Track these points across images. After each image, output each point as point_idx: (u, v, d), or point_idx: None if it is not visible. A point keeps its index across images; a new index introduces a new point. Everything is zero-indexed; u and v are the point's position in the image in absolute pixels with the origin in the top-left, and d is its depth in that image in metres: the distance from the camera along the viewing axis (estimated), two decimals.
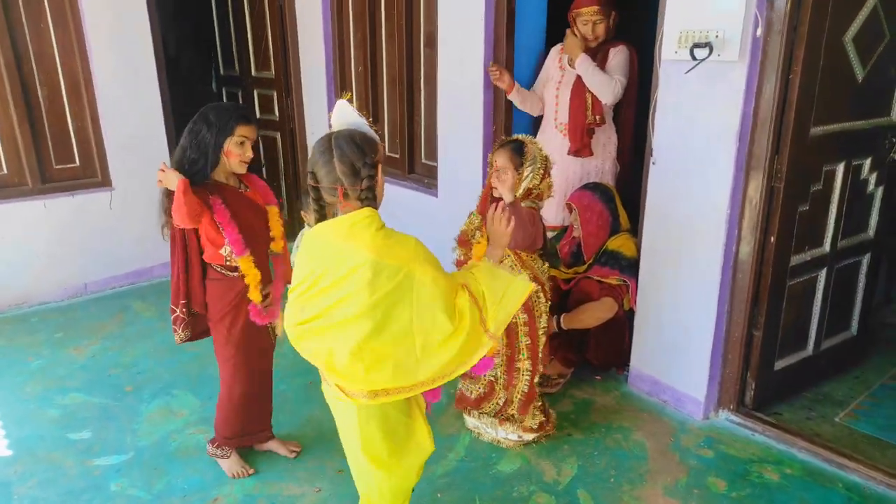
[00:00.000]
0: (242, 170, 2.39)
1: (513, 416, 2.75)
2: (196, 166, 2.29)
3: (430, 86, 4.11)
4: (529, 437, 2.75)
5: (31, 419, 3.00)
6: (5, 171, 4.08)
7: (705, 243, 2.77)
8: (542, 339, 2.66)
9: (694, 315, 2.88)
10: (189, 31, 6.03)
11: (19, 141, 4.07)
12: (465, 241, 2.76)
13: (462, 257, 2.77)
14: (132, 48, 4.30)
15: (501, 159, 2.55)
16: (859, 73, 2.73)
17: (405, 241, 1.64)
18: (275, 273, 2.57)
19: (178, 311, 2.46)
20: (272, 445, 2.73)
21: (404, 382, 1.68)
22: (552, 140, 3.48)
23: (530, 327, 2.64)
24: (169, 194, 2.29)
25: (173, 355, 3.56)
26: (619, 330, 3.17)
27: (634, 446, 2.79)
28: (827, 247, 2.96)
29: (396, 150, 4.54)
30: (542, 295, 2.64)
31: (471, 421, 2.85)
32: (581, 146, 3.37)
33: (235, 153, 2.32)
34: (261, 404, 2.65)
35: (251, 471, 2.63)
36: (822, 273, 2.99)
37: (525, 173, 2.51)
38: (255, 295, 2.41)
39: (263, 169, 5.50)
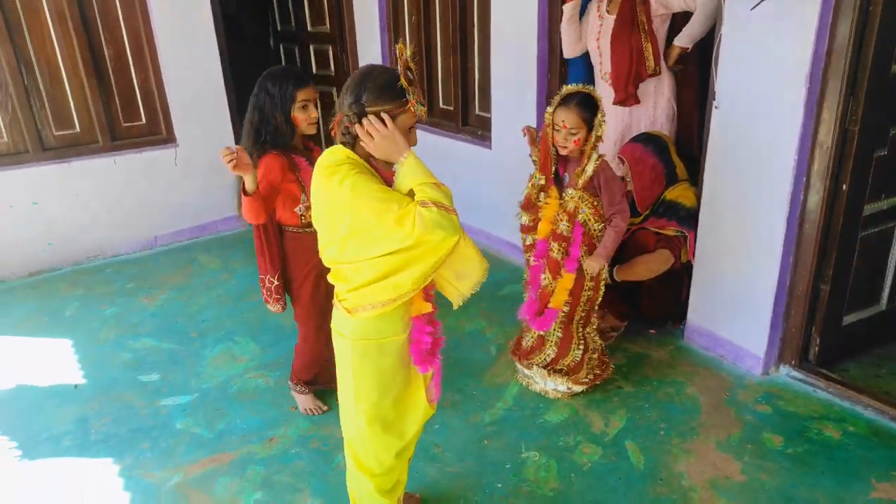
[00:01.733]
0: (312, 130, 2.42)
1: (562, 369, 2.73)
2: (279, 141, 2.34)
3: (483, 34, 4.01)
4: (579, 388, 2.74)
5: (105, 362, 3.21)
6: (78, 129, 4.28)
7: (770, 192, 2.62)
8: (601, 292, 2.63)
9: (755, 268, 2.75)
10: None
11: (89, 100, 4.25)
12: (531, 206, 2.66)
13: (529, 222, 2.68)
14: (190, 6, 4.37)
15: (572, 119, 2.39)
16: None
17: (339, 190, 1.59)
18: None
19: (275, 280, 2.47)
20: None
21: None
22: (601, 90, 3.33)
23: (595, 280, 2.60)
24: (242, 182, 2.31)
25: (235, 304, 3.71)
26: (675, 283, 3.07)
27: (687, 400, 2.73)
28: None
29: (450, 101, 4.48)
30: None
31: (522, 370, 2.85)
32: (626, 96, 3.20)
33: (301, 118, 2.37)
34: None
35: (325, 408, 2.74)
36: None
37: (598, 127, 2.41)
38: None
39: (320, 124, 5.55)
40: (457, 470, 2.41)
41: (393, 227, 1.55)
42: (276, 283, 2.48)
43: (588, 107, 2.40)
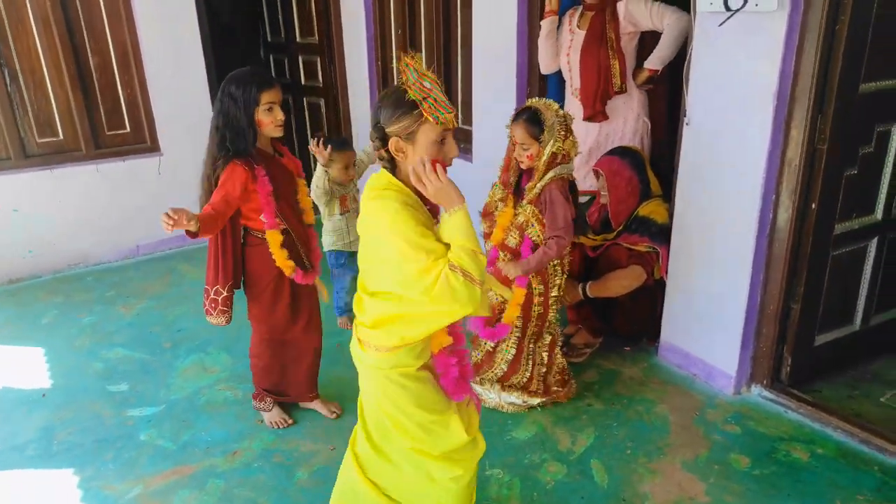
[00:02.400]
0: (279, 133, 2.37)
1: (513, 384, 2.71)
2: (239, 146, 2.29)
3: (466, 48, 4.02)
4: (535, 400, 2.71)
5: (77, 370, 3.19)
6: (61, 136, 4.29)
7: (740, 209, 2.61)
8: (554, 309, 2.61)
9: (727, 285, 2.74)
10: None
11: (73, 108, 4.26)
12: (488, 214, 2.72)
13: (487, 230, 2.72)
14: (176, 17, 4.39)
15: (519, 134, 2.45)
16: None
17: (378, 218, 1.57)
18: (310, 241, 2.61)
19: (224, 291, 2.41)
20: (315, 405, 2.80)
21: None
22: (570, 105, 3.37)
23: (544, 297, 2.59)
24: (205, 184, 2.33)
25: None
26: (648, 300, 3.05)
27: (657, 419, 2.70)
28: (879, 214, 2.74)
29: None
30: (558, 266, 2.59)
31: (472, 386, 2.80)
32: (594, 112, 3.20)
33: (267, 121, 2.31)
34: (296, 369, 2.71)
35: (290, 421, 2.73)
36: (873, 243, 2.77)
37: (546, 142, 2.42)
38: (284, 265, 2.45)
39: (309, 134, 5.57)
40: None
41: (414, 276, 1.52)
42: (224, 294, 2.41)
43: (535, 123, 2.42)
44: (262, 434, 2.69)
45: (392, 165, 1.63)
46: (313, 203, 2.73)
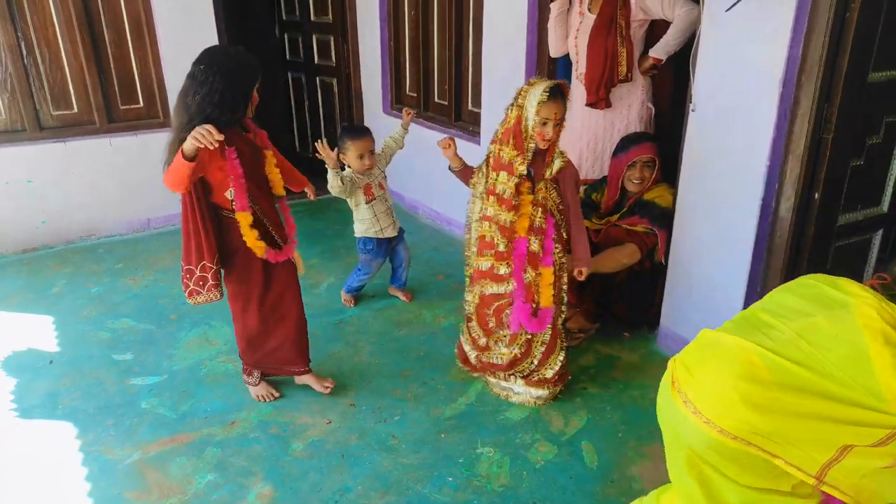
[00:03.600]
0: (251, 114, 2.41)
1: (542, 378, 2.69)
2: (234, 115, 2.28)
3: (478, 30, 4.00)
4: (556, 390, 2.71)
5: (84, 339, 3.26)
6: (76, 109, 4.34)
7: (742, 197, 2.59)
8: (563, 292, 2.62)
9: (727, 274, 2.72)
10: None
11: (88, 81, 4.31)
12: (514, 207, 2.50)
13: (510, 223, 2.52)
14: None
15: (559, 111, 2.37)
16: None
17: None
18: (283, 213, 2.61)
19: (212, 265, 2.38)
20: (307, 380, 2.83)
21: None
22: (575, 89, 3.30)
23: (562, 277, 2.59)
24: (175, 147, 2.22)
25: None
26: (646, 284, 3.05)
27: (651, 404, 2.66)
28: (885, 206, 2.70)
29: (444, 96, 4.48)
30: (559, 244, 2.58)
31: (498, 382, 2.78)
32: (597, 99, 3.17)
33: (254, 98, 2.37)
34: (280, 341, 2.71)
35: (277, 394, 2.77)
36: (878, 235, 2.74)
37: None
38: (255, 246, 2.41)
39: (321, 114, 5.59)
40: (410, 461, 2.42)
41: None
42: (214, 267, 2.40)
43: (565, 98, 2.41)
44: (259, 406, 2.74)
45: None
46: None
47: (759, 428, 1.48)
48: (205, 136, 2.04)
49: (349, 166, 3.19)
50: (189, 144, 2.08)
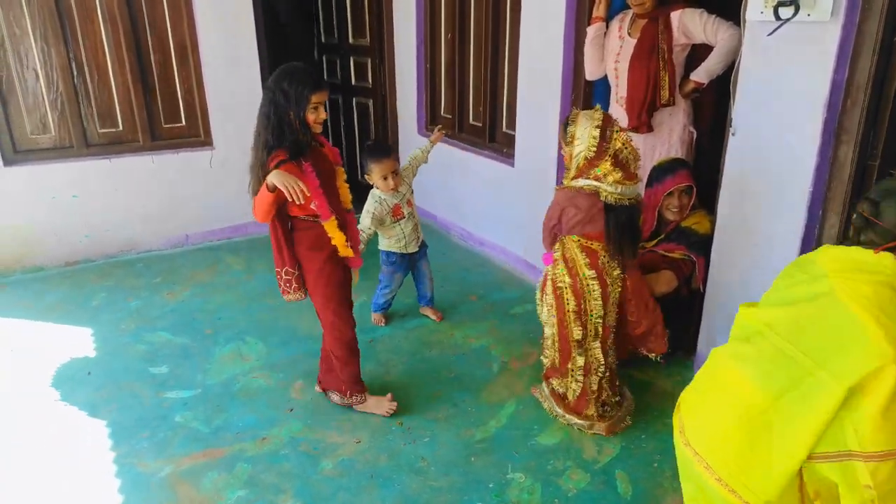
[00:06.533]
0: (318, 129, 2.47)
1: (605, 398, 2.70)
2: (297, 146, 2.38)
3: (513, 52, 4.03)
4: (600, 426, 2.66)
5: (122, 352, 3.32)
6: (121, 128, 4.48)
7: (784, 223, 2.54)
8: (597, 325, 2.56)
9: None
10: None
11: (133, 101, 4.44)
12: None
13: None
14: (235, 17, 4.53)
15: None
16: None
17: None
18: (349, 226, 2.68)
19: (294, 271, 2.57)
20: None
21: None
22: (614, 112, 3.28)
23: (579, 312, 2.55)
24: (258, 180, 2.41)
25: (251, 305, 3.79)
26: (683, 311, 2.99)
27: None
28: None
29: (479, 118, 4.51)
30: (595, 285, 2.51)
31: (575, 421, 2.70)
32: (639, 123, 3.13)
33: (311, 118, 2.41)
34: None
35: (395, 404, 2.80)
36: None
37: (575, 146, 2.39)
38: (345, 251, 2.55)
39: (356, 135, 5.67)
40: (439, 484, 2.39)
41: None
42: (295, 272, 2.56)
43: (566, 124, 2.45)
44: (290, 422, 2.75)
45: None
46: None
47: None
48: (293, 190, 2.26)
49: (375, 186, 3.23)
50: (272, 185, 2.28)
